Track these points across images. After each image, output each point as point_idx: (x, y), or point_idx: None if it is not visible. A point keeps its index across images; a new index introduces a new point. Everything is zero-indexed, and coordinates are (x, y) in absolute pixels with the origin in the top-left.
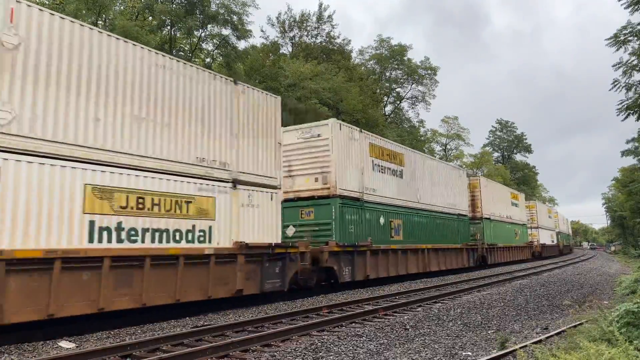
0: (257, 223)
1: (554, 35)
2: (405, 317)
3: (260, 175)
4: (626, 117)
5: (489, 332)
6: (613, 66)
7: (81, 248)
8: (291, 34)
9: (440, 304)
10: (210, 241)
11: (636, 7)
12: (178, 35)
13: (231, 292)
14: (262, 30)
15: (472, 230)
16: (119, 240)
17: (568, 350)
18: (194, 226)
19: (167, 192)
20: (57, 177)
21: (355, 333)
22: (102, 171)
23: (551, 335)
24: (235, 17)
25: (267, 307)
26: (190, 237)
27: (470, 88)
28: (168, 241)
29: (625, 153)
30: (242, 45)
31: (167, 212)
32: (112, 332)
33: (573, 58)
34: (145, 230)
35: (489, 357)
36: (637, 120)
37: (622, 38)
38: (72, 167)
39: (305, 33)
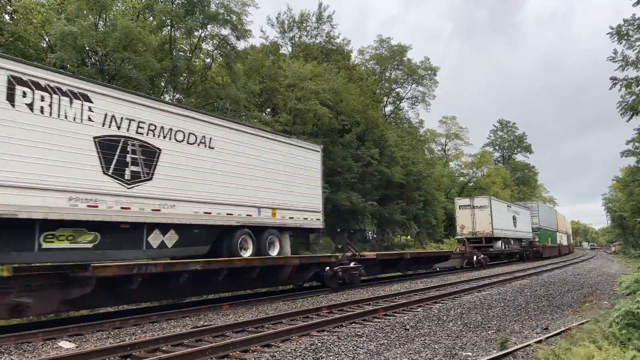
0: None
1: (588, 17)
2: (406, 317)
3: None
4: (630, 118)
5: (489, 332)
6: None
7: None
8: (291, 34)
9: (440, 304)
10: None
11: None
12: (178, 35)
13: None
14: (262, 31)
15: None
16: None
17: (569, 350)
18: None
19: None
20: None
21: (355, 333)
22: None
23: (551, 336)
24: (234, 16)
25: (267, 307)
26: None
27: (495, 76)
28: None
29: (625, 154)
30: (241, 45)
31: None
32: (112, 332)
33: (605, 44)
34: None
35: (489, 357)
36: None
37: (623, 32)
38: None
39: (305, 33)
